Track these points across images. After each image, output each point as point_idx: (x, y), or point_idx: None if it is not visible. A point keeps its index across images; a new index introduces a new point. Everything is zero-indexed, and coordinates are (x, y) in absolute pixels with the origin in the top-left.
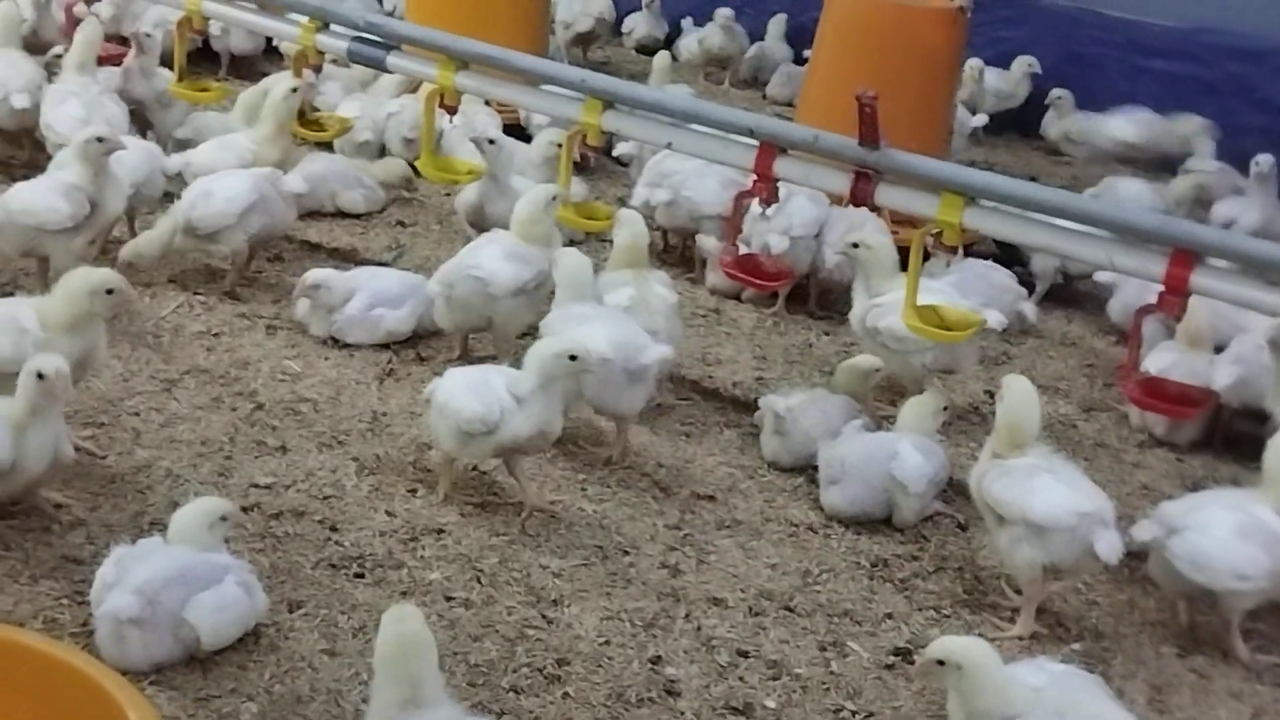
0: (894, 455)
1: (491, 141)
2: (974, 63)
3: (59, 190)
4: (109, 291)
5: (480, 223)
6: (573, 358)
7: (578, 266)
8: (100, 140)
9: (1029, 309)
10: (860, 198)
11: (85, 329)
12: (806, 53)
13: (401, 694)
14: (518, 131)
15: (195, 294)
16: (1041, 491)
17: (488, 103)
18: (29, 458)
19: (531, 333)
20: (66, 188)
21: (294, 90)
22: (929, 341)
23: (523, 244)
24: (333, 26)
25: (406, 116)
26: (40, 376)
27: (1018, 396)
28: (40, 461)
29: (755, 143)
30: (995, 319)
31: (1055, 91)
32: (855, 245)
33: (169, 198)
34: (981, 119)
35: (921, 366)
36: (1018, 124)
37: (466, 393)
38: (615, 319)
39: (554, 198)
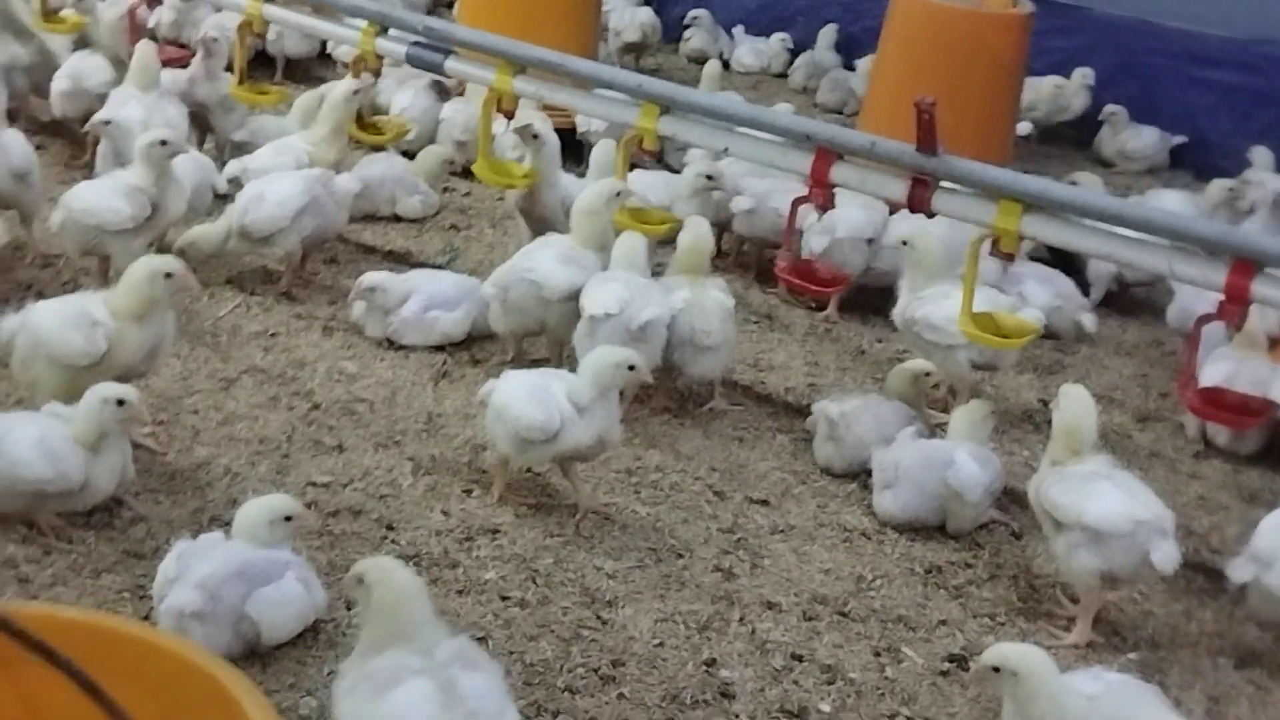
0: (950, 463)
1: (535, 136)
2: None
3: (121, 191)
4: (168, 275)
5: (530, 211)
6: (631, 367)
7: (633, 243)
8: (163, 143)
9: (1088, 319)
10: (917, 204)
11: (152, 317)
12: (857, 61)
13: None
14: (569, 136)
15: (252, 295)
16: (1099, 497)
17: (540, 107)
18: (100, 479)
19: None
20: (129, 189)
21: (355, 93)
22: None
23: (578, 247)
24: (391, 31)
25: (458, 119)
26: (120, 404)
27: (1074, 404)
28: (110, 482)
29: (812, 148)
30: (1034, 315)
31: (1109, 108)
32: (904, 243)
33: (225, 199)
34: (1025, 127)
35: (964, 362)
36: (1072, 136)
37: (527, 399)
38: (633, 282)
39: (617, 194)
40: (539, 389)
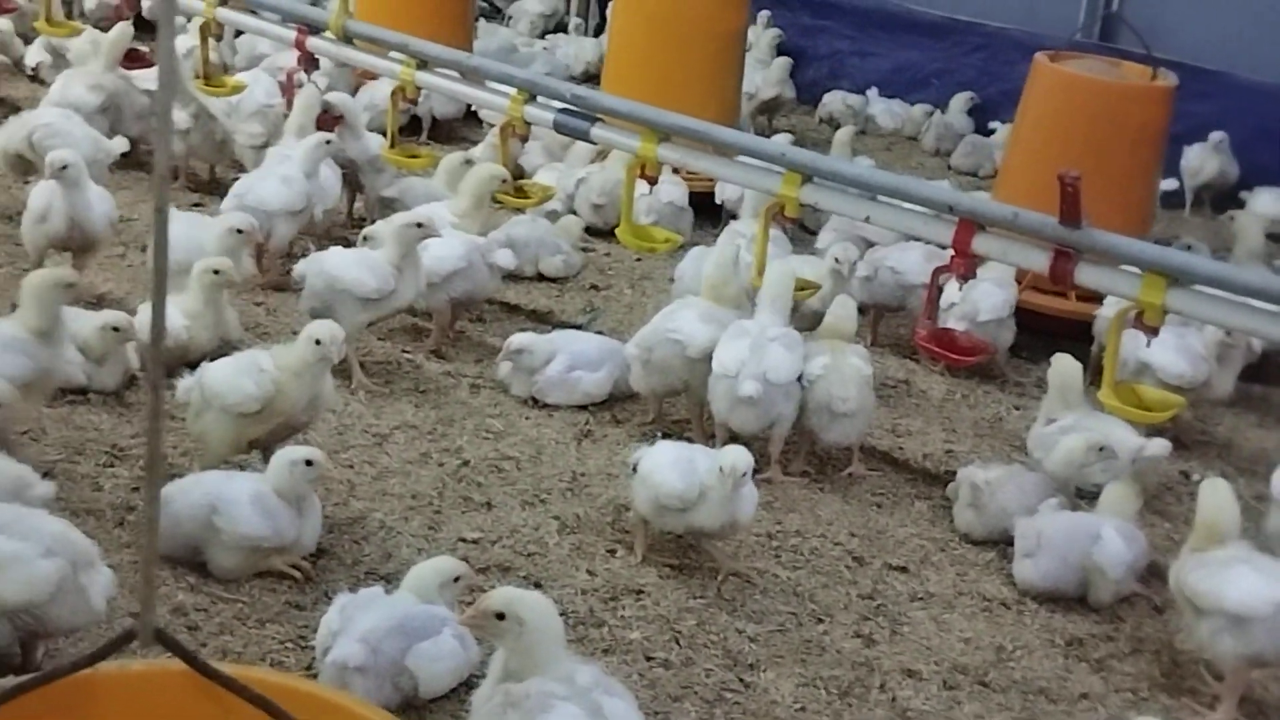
0: (1097, 538)
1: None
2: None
3: (368, 264)
4: (317, 342)
5: None
6: (721, 469)
7: (781, 278)
8: (419, 225)
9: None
10: (1060, 276)
11: (311, 374)
12: (992, 124)
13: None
14: (707, 200)
15: (403, 351)
16: (1238, 581)
17: (675, 170)
18: (306, 535)
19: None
20: (374, 262)
21: (503, 181)
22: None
23: (716, 307)
24: (539, 98)
25: (594, 183)
26: (309, 464)
27: (1215, 498)
28: (313, 539)
29: (954, 218)
30: (1159, 447)
31: None
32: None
33: None
34: (1171, 183)
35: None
36: (1214, 200)
37: (670, 467)
38: (761, 338)
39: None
40: (684, 460)
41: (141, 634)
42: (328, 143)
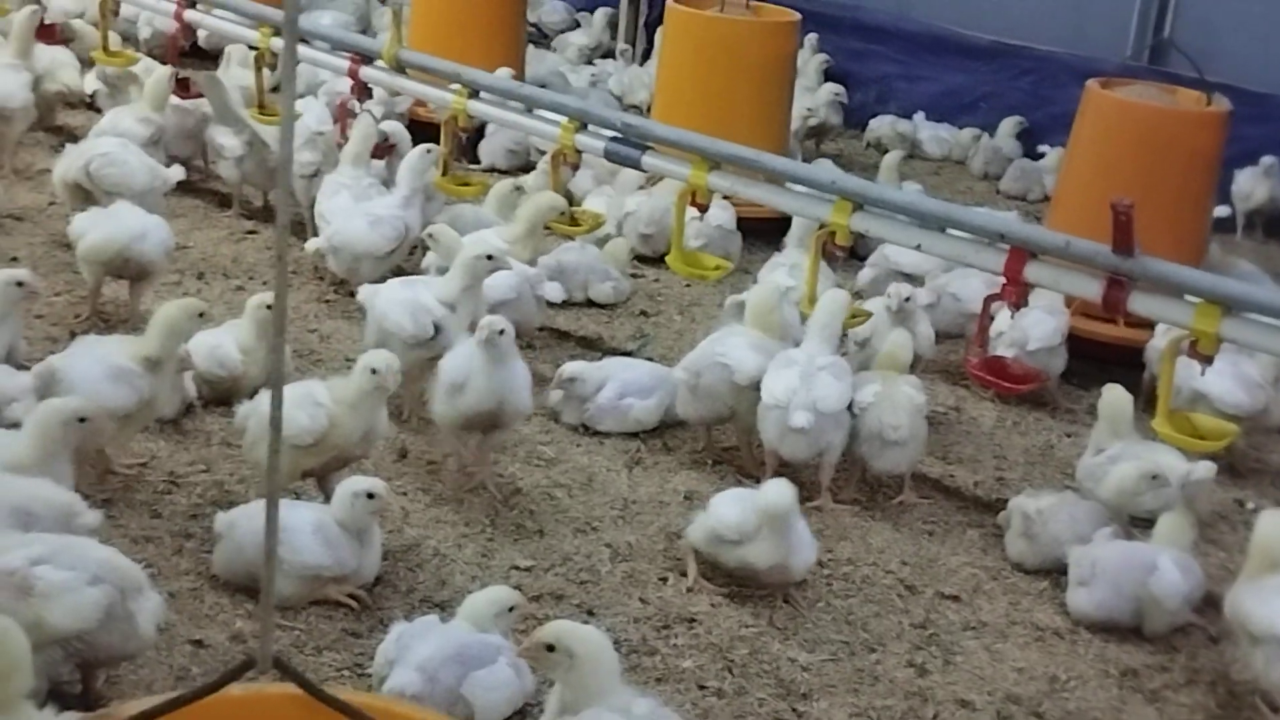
0: (1154, 568)
1: (908, 299)
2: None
3: (410, 308)
4: (373, 371)
5: None
6: (765, 505)
7: (833, 305)
8: (489, 258)
9: None
10: (1113, 305)
11: (365, 406)
12: (1041, 148)
13: None
14: (754, 225)
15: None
16: None
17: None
18: (367, 566)
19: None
20: (417, 307)
21: (561, 212)
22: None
23: (763, 337)
24: (590, 127)
25: (643, 213)
26: (370, 496)
27: (1271, 526)
28: (372, 570)
29: (1005, 246)
30: (1205, 470)
31: None
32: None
33: None
34: (1224, 209)
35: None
36: (1266, 224)
37: (731, 501)
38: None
39: (785, 290)
40: (745, 496)
41: (260, 662)
42: (428, 152)
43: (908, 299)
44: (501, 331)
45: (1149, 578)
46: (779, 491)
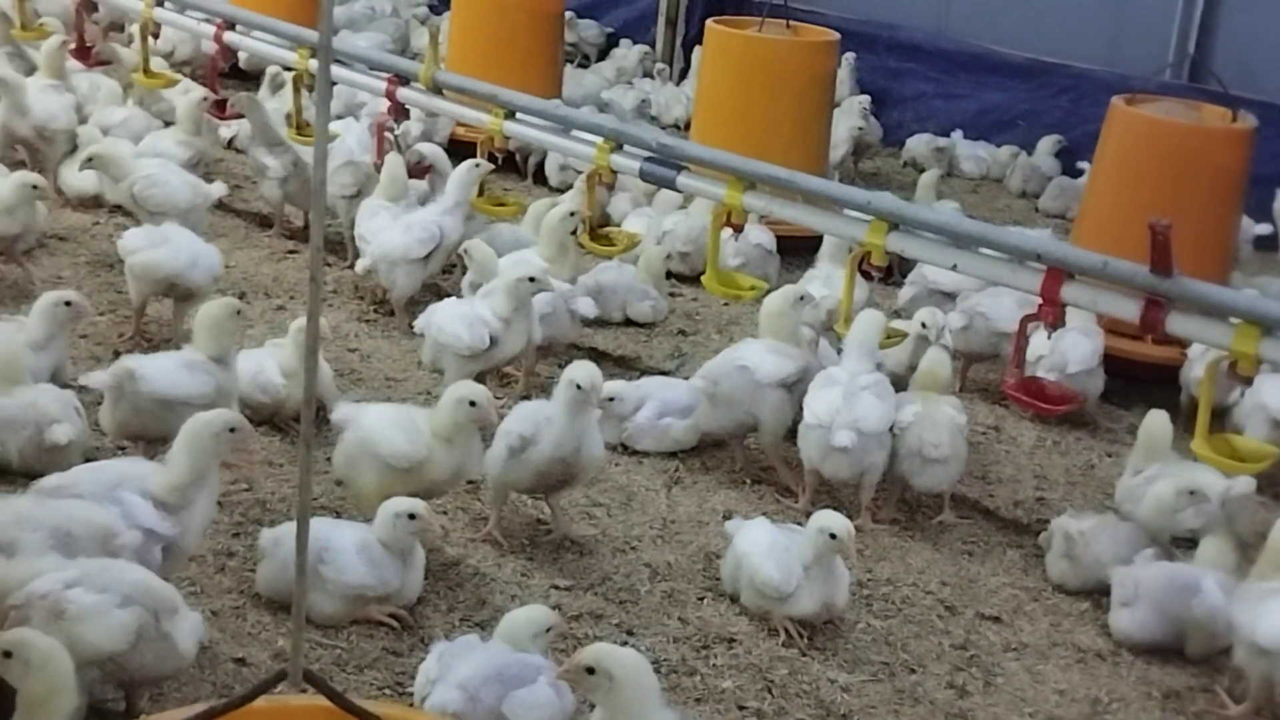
0: (1198, 590)
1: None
2: None
3: (467, 319)
4: (471, 404)
5: None
6: (832, 535)
7: (869, 325)
8: (532, 280)
9: None
10: (1151, 325)
11: (460, 441)
12: (1080, 164)
13: None
14: (792, 244)
15: (495, 398)
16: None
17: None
18: (410, 585)
19: None
20: (474, 319)
21: (571, 214)
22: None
23: (779, 343)
24: (626, 147)
25: (680, 232)
26: (412, 517)
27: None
28: (414, 590)
29: (1042, 266)
30: (1245, 485)
31: None
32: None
33: None
34: (1265, 227)
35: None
36: None
37: (766, 556)
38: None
39: (801, 298)
40: (780, 549)
41: (292, 675)
42: (477, 166)
43: (944, 328)
44: (579, 386)
45: (1193, 599)
46: (842, 521)
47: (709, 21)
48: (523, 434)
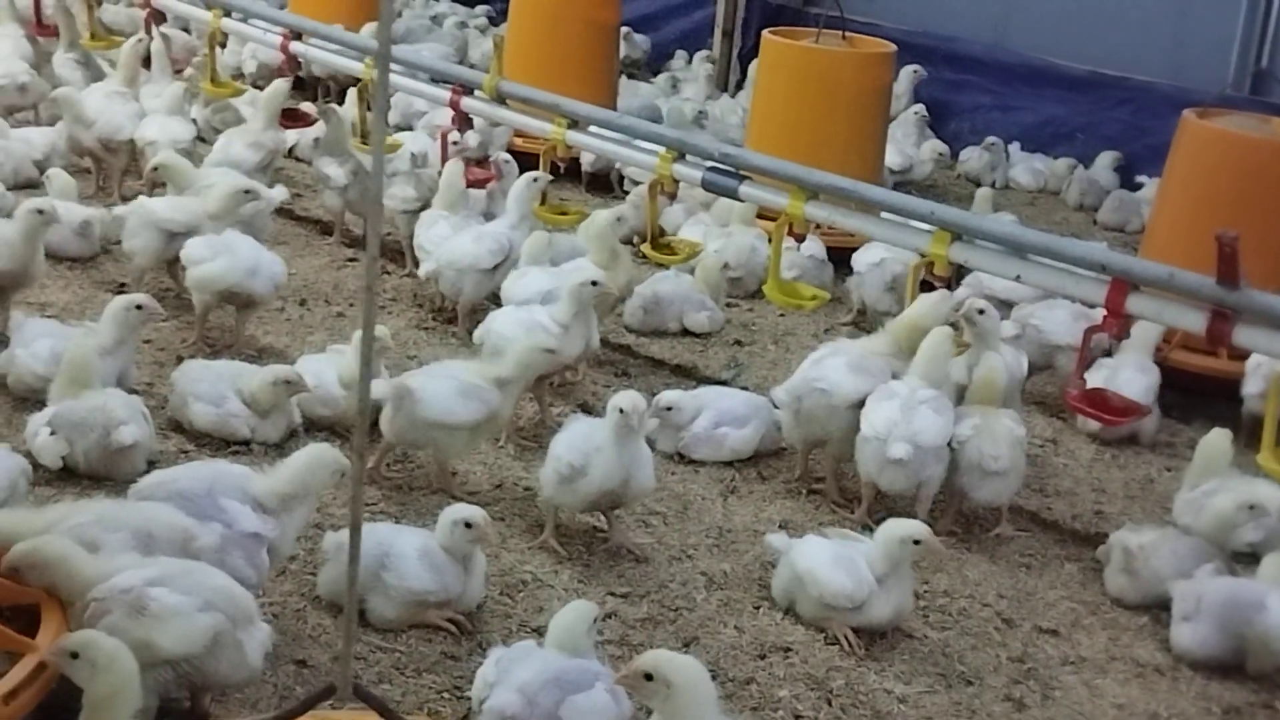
0: (1262, 607)
1: (981, 311)
2: None
3: (526, 326)
4: (621, 411)
5: None
6: (917, 542)
7: (938, 345)
8: (594, 284)
9: None
10: (1217, 337)
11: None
12: (1139, 178)
13: None
14: (845, 255)
15: (550, 405)
16: None
17: (816, 227)
18: (472, 591)
19: None
20: (533, 325)
21: (619, 220)
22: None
23: (868, 357)
24: (688, 157)
25: (728, 254)
26: (468, 526)
27: None
28: (474, 598)
29: (1106, 278)
30: None
31: None
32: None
33: None
34: None
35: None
36: None
37: (834, 567)
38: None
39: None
40: (845, 559)
41: (341, 689)
42: (534, 180)
43: (981, 311)
44: (622, 410)
45: (1257, 616)
46: (919, 526)
47: (765, 32)
48: (573, 463)
